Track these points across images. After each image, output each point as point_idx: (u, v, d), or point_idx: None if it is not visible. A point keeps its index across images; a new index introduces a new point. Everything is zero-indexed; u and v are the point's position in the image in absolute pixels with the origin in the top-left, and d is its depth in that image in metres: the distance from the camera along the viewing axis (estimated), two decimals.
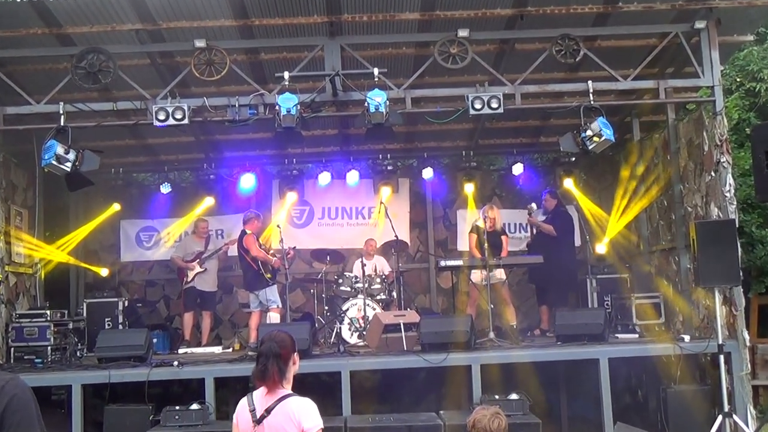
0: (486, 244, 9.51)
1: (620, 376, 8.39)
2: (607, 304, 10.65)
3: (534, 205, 10.70)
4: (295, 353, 4.05)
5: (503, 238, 10.28)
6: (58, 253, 10.99)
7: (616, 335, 9.54)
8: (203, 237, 11.33)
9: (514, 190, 12.66)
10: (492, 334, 9.12)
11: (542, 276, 10.49)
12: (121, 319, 10.76)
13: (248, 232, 10.16)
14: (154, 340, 9.87)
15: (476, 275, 9.94)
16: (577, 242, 12.34)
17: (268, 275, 9.92)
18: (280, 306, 9.90)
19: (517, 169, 11.87)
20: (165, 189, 11.90)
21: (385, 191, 12.04)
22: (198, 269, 10.99)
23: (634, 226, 11.23)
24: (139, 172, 13.24)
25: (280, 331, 4.10)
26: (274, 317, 9.94)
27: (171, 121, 8.26)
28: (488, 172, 13.26)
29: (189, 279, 10.98)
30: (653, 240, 10.83)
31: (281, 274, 10.16)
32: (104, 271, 11.97)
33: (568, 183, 11.90)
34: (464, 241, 11.78)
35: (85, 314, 10.65)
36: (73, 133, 8.41)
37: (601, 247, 11.42)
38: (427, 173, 11.94)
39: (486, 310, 9.49)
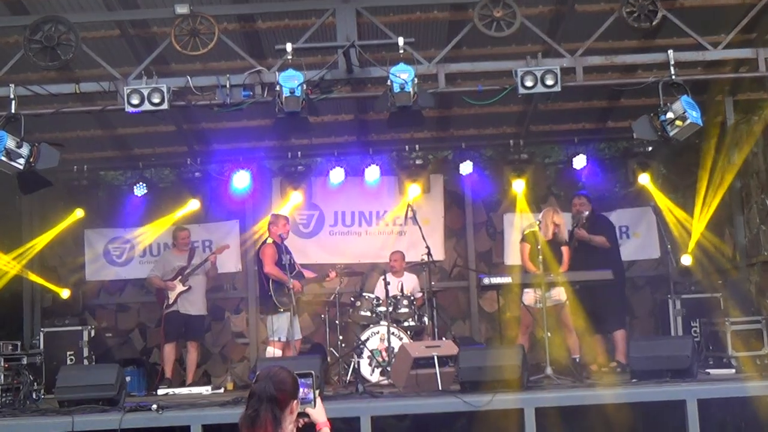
0: (541, 257, 9.47)
1: (713, 422, 8.30)
2: (694, 331, 10.58)
3: (585, 214, 10.66)
4: (296, 400, 3.95)
5: (564, 249, 10.24)
6: (9, 267, 11.09)
7: (707, 370, 9.47)
8: (184, 250, 11.40)
9: (575, 188, 12.56)
10: (549, 370, 9.07)
11: (589, 298, 10.46)
12: (86, 353, 10.81)
13: (269, 241, 10.32)
14: (128, 379, 9.87)
15: (529, 296, 9.90)
16: (655, 254, 12.25)
17: (283, 298, 10.00)
18: (288, 340, 9.98)
19: (579, 162, 11.84)
20: (140, 191, 11.98)
21: (414, 191, 12.06)
22: (180, 288, 11.06)
23: (728, 233, 11.13)
24: (107, 170, 13.33)
25: (281, 368, 4.00)
26: (271, 351, 9.99)
27: (147, 107, 8.31)
28: (542, 167, 13.23)
29: (170, 301, 11.05)
30: (753, 250, 10.73)
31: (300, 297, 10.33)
32: (65, 293, 12.07)
33: (644, 179, 11.84)
34: (514, 253, 11.74)
35: (42, 346, 10.70)
36: (26, 122, 8.46)
37: (687, 259, 11.33)
38: (466, 168, 11.94)
39: (542, 339, 9.43)
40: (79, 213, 12.06)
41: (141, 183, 11.98)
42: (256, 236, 12.16)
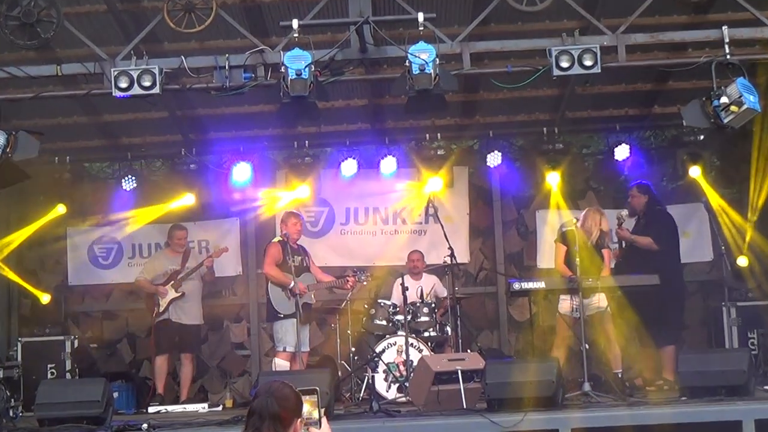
0: (578, 259, 9.46)
1: None
2: (752, 344, 10.56)
3: (625, 212, 10.68)
4: (300, 419, 3.98)
5: (605, 251, 10.25)
6: None
7: (766, 387, 9.42)
8: (179, 251, 11.43)
9: (617, 182, 12.59)
10: (587, 386, 9.08)
11: (639, 306, 10.44)
12: (69, 366, 10.86)
13: (274, 240, 10.45)
14: (115, 395, 9.93)
15: (565, 303, 9.92)
16: (707, 256, 12.19)
17: (283, 303, 10.06)
18: (296, 351, 10.02)
19: (622, 152, 11.81)
20: (128, 185, 11.97)
21: (435, 185, 12.05)
22: (173, 294, 11.09)
23: None
24: (92, 161, 13.39)
25: (283, 383, 4.03)
26: (279, 364, 10.07)
27: (136, 90, 8.34)
28: (580, 158, 13.21)
29: (161, 309, 11.09)
30: None
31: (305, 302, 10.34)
32: (45, 298, 12.10)
33: (695, 172, 11.80)
34: (548, 255, 11.72)
35: (19, 358, 10.76)
36: (2, 108, 8.54)
37: (743, 261, 11.29)
38: (494, 159, 11.92)
39: (579, 351, 9.44)
40: (60, 209, 12.06)
41: (130, 176, 11.97)
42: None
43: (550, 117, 12.06)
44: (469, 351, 10.50)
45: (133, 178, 11.98)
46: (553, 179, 12.04)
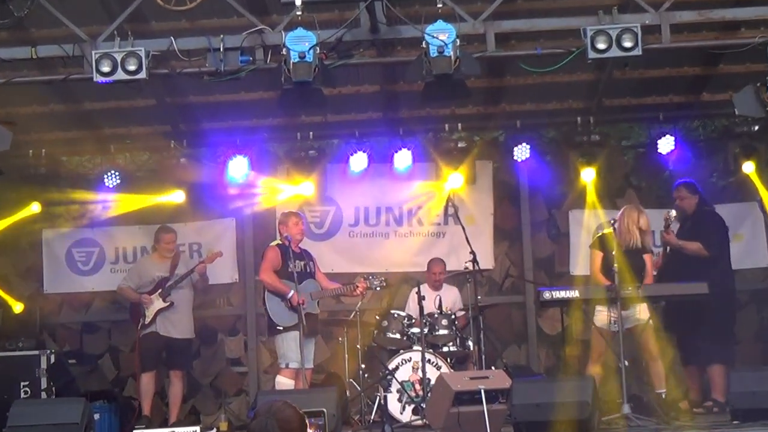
0: (617, 265, 9.46)
1: None
2: None
3: (673, 213, 10.63)
4: None
5: (646, 257, 10.23)
6: None
7: None
8: (168, 256, 11.47)
9: (661, 178, 12.58)
10: (627, 408, 9.10)
11: (685, 318, 10.41)
12: (44, 384, 10.92)
13: (272, 243, 10.48)
14: (96, 416, 9.98)
15: (602, 315, 9.92)
16: (762, 261, 12.16)
17: (280, 313, 10.08)
18: (299, 367, 10.01)
19: (666, 144, 11.80)
20: (111, 181, 12.00)
21: (455, 182, 12.08)
22: (160, 304, 11.13)
23: None
24: (70, 155, 13.36)
25: (285, 403, 4.05)
26: (282, 383, 10.08)
27: (120, 75, 8.35)
28: (619, 151, 13.18)
29: (147, 320, 11.13)
30: None
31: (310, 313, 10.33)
32: (18, 308, 12.14)
33: (748, 167, 11.79)
34: (582, 260, 11.78)
35: None
36: None
37: None
38: (522, 153, 11.92)
39: (617, 369, 9.45)
40: (35, 207, 12.10)
41: (113, 171, 12.00)
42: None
43: (585, 105, 12.01)
44: (493, 368, 10.59)
45: (117, 173, 12.00)
46: (589, 175, 12.02)
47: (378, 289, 10.87)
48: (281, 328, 10.11)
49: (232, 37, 8.61)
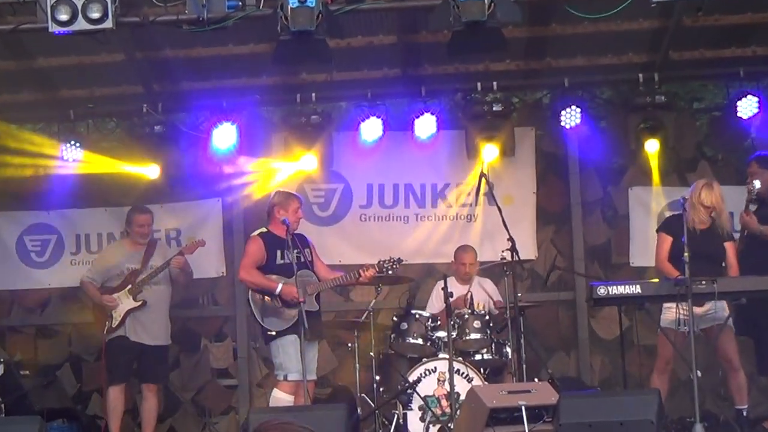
0: (687, 254, 9.50)
1: None
2: None
3: (757, 184, 10.67)
4: None
5: (728, 244, 10.33)
6: None
7: None
8: (141, 242, 11.61)
9: (741, 148, 12.61)
10: (700, 428, 9.08)
11: (763, 320, 10.61)
12: None
13: (255, 233, 10.55)
14: None
15: (670, 314, 10.02)
16: None
17: (271, 316, 10.24)
18: (300, 379, 10.08)
19: (747, 107, 11.85)
20: (71, 153, 12.07)
21: (490, 154, 12.12)
22: (129, 303, 11.27)
23: None
24: (22, 122, 13.35)
25: (287, 424, 4.09)
26: (279, 398, 10.20)
27: (81, 25, 8.47)
28: (690, 114, 13.27)
29: (115, 323, 11.28)
30: None
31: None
32: None
33: None
34: (646, 249, 11.87)
35: None
36: None
37: None
38: (571, 118, 11.98)
39: (688, 380, 9.58)
40: None
41: (73, 141, 12.06)
42: None
43: (648, 59, 12.09)
44: (536, 380, 10.60)
45: (78, 144, 12.06)
46: (652, 145, 12.05)
47: (390, 272, 10.71)
48: (274, 333, 10.21)
49: None
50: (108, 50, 10.59)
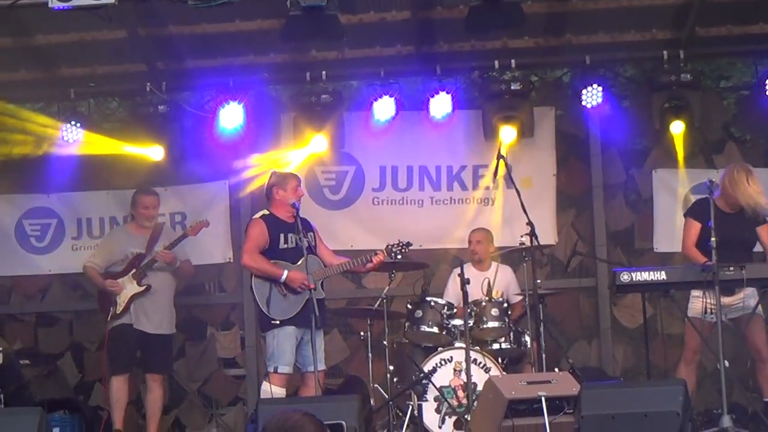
0: (715, 239, 9.36)
1: None
2: None
3: None
4: None
5: (761, 229, 10.19)
6: None
7: None
8: (147, 226, 11.52)
9: None
10: (727, 420, 8.96)
11: None
12: None
13: (257, 215, 10.39)
14: (55, 431, 9.99)
15: (697, 302, 9.91)
16: None
17: (278, 303, 10.04)
18: (290, 372, 10.04)
19: None
20: (71, 134, 12.05)
21: (508, 134, 12.05)
22: (134, 288, 11.19)
23: None
24: (20, 102, 13.40)
25: (305, 415, 4.12)
26: (270, 391, 9.93)
27: (82, 0, 8.38)
28: (716, 94, 13.19)
29: (119, 309, 11.17)
30: None
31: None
32: None
33: None
34: (670, 233, 11.86)
35: None
36: None
37: None
38: (592, 97, 11.91)
39: (715, 371, 9.44)
40: None
41: (73, 122, 12.04)
42: None
43: (673, 35, 12.03)
44: (557, 370, 10.56)
45: (78, 124, 12.05)
46: (677, 126, 12.01)
47: (399, 257, 10.63)
48: (278, 321, 10.02)
49: None
50: (110, 27, 10.46)
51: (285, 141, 12.62)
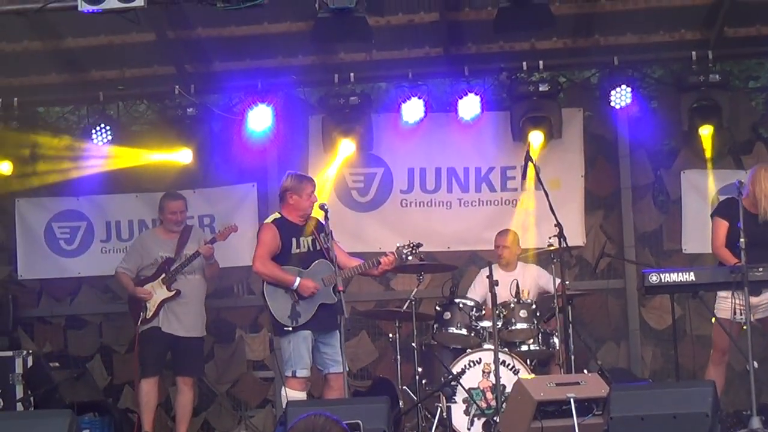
0: (744, 240, 9.41)
1: None
2: None
3: None
4: None
5: None
6: None
7: None
8: (175, 230, 11.57)
9: None
10: (757, 422, 9.02)
11: None
12: (20, 392, 11.04)
13: (268, 219, 10.40)
14: None
15: (726, 303, 9.90)
16: None
17: (287, 310, 10.06)
18: (308, 376, 10.06)
19: None
20: (100, 137, 12.08)
21: (536, 137, 12.04)
22: (164, 294, 11.25)
23: None
24: (50, 105, 13.48)
25: (328, 419, 4.11)
26: (291, 397, 9.91)
27: (111, 3, 8.39)
28: (745, 94, 13.15)
29: (149, 314, 11.24)
30: None
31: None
32: None
33: None
34: (699, 234, 11.80)
35: None
36: None
37: None
38: (621, 97, 11.88)
39: (744, 372, 9.42)
40: (5, 167, 12.21)
41: (102, 125, 12.06)
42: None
43: (702, 36, 12.00)
44: (586, 372, 10.54)
45: (108, 127, 12.07)
46: (706, 126, 11.96)
47: (410, 258, 10.54)
48: (290, 328, 10.04)
49: None
50: (138, 30, 10.58)
51: (313, 144, 12.62)
